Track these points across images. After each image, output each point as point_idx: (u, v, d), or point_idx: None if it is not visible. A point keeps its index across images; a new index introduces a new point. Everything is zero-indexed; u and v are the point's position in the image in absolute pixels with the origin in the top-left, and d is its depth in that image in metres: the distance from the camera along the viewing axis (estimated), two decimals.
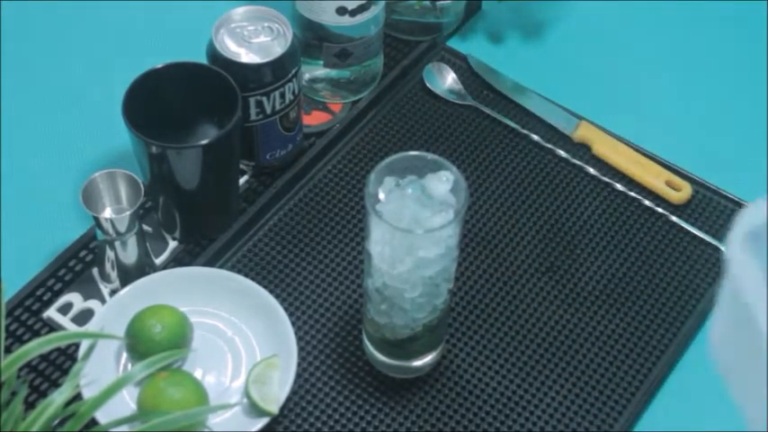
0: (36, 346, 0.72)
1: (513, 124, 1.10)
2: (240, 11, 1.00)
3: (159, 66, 0.97)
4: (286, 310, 0.94)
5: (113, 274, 0.97)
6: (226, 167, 0.99)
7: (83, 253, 1.00)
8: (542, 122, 1.11)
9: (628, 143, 1.08)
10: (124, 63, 1.07)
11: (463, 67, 1.15)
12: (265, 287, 0.95)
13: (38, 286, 0.98)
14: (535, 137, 1.09)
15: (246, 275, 0.97)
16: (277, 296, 0.96)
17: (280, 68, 0.98)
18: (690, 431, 0.91)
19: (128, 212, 0.92)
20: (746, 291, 0.59)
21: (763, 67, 1.15)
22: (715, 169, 1.08)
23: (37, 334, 0.95)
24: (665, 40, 1.20)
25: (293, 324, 0.93)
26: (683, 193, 1.05)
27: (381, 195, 0.83)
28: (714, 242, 1.02)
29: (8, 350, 0.92)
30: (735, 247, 0.59)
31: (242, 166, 1.05)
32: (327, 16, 1.04)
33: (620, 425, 0.92)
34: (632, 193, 1.05)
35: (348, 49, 1.07)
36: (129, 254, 0.95)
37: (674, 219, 1.04)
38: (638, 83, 1.16)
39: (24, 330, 0.95)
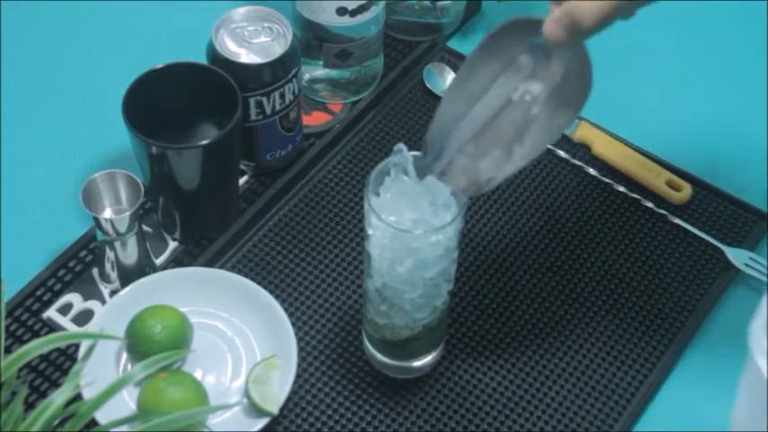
0: (36, 347, 0.72)
1: None
2: (240, 11, 1.00)
3: (159, 66, 0.97)
4: (286, 310, 0.94)
5: (113, 275, 0.97)
6: (226, 167, 0.99)
7: (83, 253, 1.00)
8: None
9: (628, 143, 1.08)
10: (124, 63, 1.07)
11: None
12: (265, 287, 0.95)
13: (38, 286, 0.98)
14: None
15: (246, 275, 0.97)
16: (277, 296, 0.96)
17: (280, 69, 0.98)
18: (690, 431, 0.91)
19: (128, 213, 0.92)
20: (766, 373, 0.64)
21: (764, 67, 1.15)
22: (715, 169, 1.08)
23: (37, 334, 0.95)
24: (665, 40, 1.20)
25: (293, 324, 0.93)
26: (683, 193, 1.05)
27: (381, 195, 0.83)
28: (714, 242, 1.02)
29: (8, 350, 0.92)
30: (756, 336, 0.64)
31: (242, 166, 1.05)
32: (327, 16, 1.04)
33: (620, 425, 0.92)
34: (632, 194, 1.05)
35: (348, 50, 1.07)
36: (129, 254, 0.95)
37: (674, 219, 1.04)
38: (638, 83, 1.16)
39: (24, 330, 0.95)
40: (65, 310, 0.97)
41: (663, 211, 1.04)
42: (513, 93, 0.81)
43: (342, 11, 1.04)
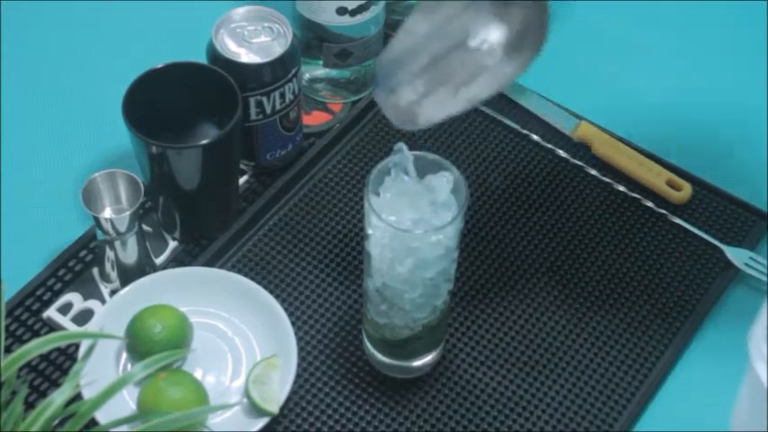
0: (36, 346, 0.72)
1: (513, 124, 1.10)
2: (240, 11, 1.00)
3: (159, 66, 0.97)
4: (286, 310, 0.94)
5: (113, 274, 0.97)
6: (226, 167, 0.99)
7: (83, 253, 1.00)
8: (542, 122, 1.11)
9: (628, 143, 1.08)
10: (124, 63, 1.07)
11: None
12: (265, 287, 0.95)
13: (38, 286, 0.98)
14: (535, 137, 1.09)
15: (246, 275, 0.97)
16: (277, 296, 0.96)
17: (280, 68, 0.98)
18: (690, 431, 0.91)
19: (128, 212, 0.93)
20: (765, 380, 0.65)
21: (764, 66, 1.15)
22: (715, 169, 1.08)
23: (37, 334, 0.95)
24: (664, 39, 1.20)
25: (293, 324, 0.93)
26: (683, 193, 1.05)
27: (381, 195, 0.83)
28: (714, 242, 1.02)
29: (8, 350, 0.92)
30: (755, 343, 0.65)
31: (242, 166, 1.05)
32: (327, 16, 1.04)
33: (620, 425, 0.92)
34: (632, 193, 1.05)
35: (348, 49, 1.07)
36: (129, 254, 0.95)
37: (674, 219, 1.04)
38: (638, 83, 1.16)
39: (24, 330, 0.95)
40: (65, 309, 0.97)
41: (663, 211, 1.04)
42: (472, 38, 0.80)
43: (342, 11, 1.04)
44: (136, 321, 0.90)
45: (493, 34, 0.80)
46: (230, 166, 0.99)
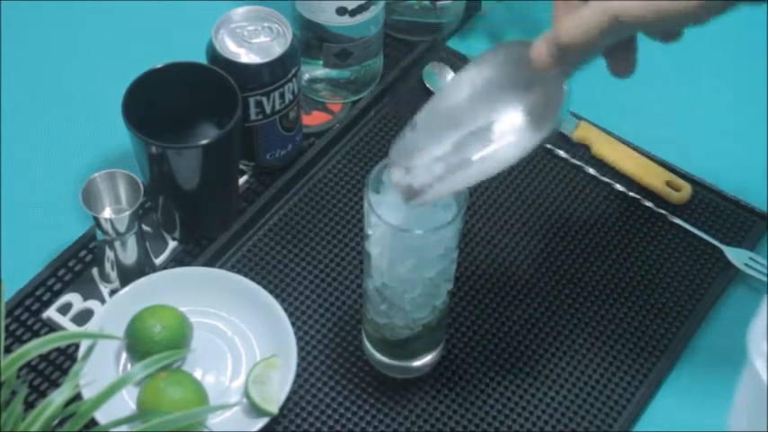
0: (36, 346, 0.72)
1: None
2: (240, 11, 1.00)
3: (159, 66, 0.97)
4: (286, 310, 0.94)
5: (113, 274, 0.97)
6: (226, 167, 0.99)
7: (82, 253, 1.00)
8: None
9: (628, 143, 1.08)
10: (124, 63, 1.07)
11: (463, 67, 1.14)
12: (265, 287, 0.95)
13: (38, 286, 0.98)
14: None
15: (246, 275, 0.97)
16: (277, 296, 0.96)
17: (279, 68, 0.98)
18: (690, 431, 0.91)
19: (127, 212, 0.93)
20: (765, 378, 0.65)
21: (764, 67, 1.15)
22: (715, 169, 1.08)
23: (37, 334, 0.95)
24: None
25: (293, 324, 0.93)
26: (682, 193, 1.05)
27: (381, 195, 0.83)
28: (714, 242, 1.02)
29: (8, 350, 0.92)
30: (755, 341, 0.65)
31: (242, 166, 1.05)
32: (327, 16, 1.04)
33: (619, 425, 0.92)
34: (632, 194, 1.05)
35: (348, 49, 1.07)
36: (129, 254, 0.95)
37: (673, 219, 1.04)
38: (638, 83, 1.15)
39: (24, 330, 0.95)
40: (64, 309, 0.97)
41: (662, 211, 1.04)
42: (491, 133, 0.80)
43: (341, 11, 1.04)
44: (136, 321, 0.90)
45: (514, 118, 0.80)
46: (230, 166, 0.99)
